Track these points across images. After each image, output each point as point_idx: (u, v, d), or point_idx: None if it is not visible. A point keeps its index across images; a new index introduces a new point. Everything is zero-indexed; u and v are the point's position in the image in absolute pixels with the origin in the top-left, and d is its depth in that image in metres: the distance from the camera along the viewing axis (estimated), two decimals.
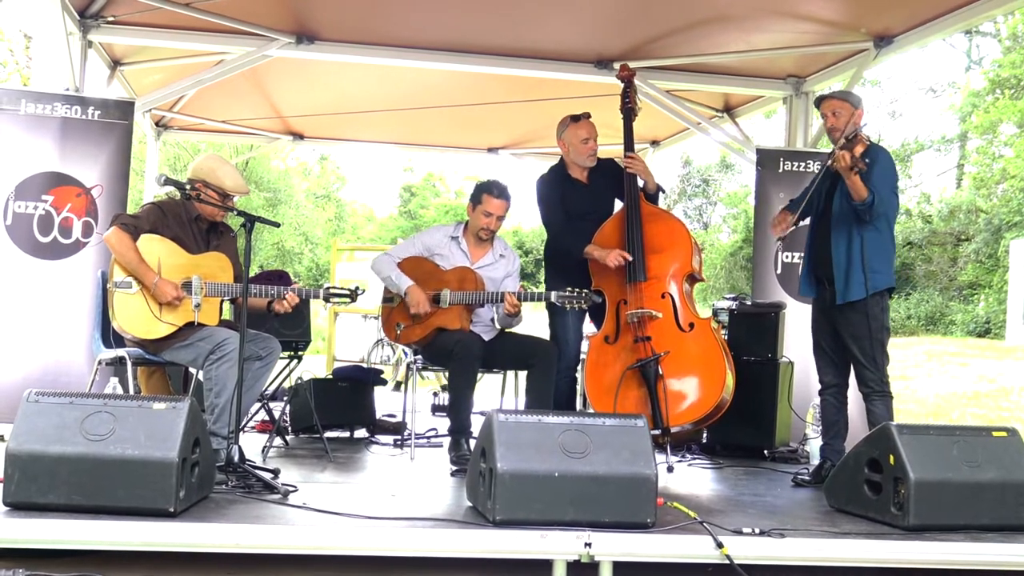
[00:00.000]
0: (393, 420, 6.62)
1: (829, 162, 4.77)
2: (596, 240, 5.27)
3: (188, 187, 4.57)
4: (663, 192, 5.53)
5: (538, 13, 6.28)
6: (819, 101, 5.01)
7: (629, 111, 5.48)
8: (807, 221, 5.14)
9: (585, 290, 5.02)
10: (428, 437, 6.24)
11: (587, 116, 5.48)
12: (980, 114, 24.72)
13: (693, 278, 5.22)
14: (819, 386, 5.10)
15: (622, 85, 5.55)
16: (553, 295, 5.05)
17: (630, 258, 5.08)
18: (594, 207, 5.45)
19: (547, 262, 5.68)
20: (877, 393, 4.76)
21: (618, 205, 5.54)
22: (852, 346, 4.82)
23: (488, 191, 5.37)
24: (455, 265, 5.36)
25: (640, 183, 5.30)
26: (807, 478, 4.94)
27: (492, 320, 5.41)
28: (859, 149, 4.59)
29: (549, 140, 5.62)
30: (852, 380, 4.99)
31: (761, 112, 9.75)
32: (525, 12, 6.28)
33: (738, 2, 6.04)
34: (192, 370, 5.07)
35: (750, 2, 6.05)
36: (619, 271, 5.13)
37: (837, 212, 4.84)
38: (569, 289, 5.00)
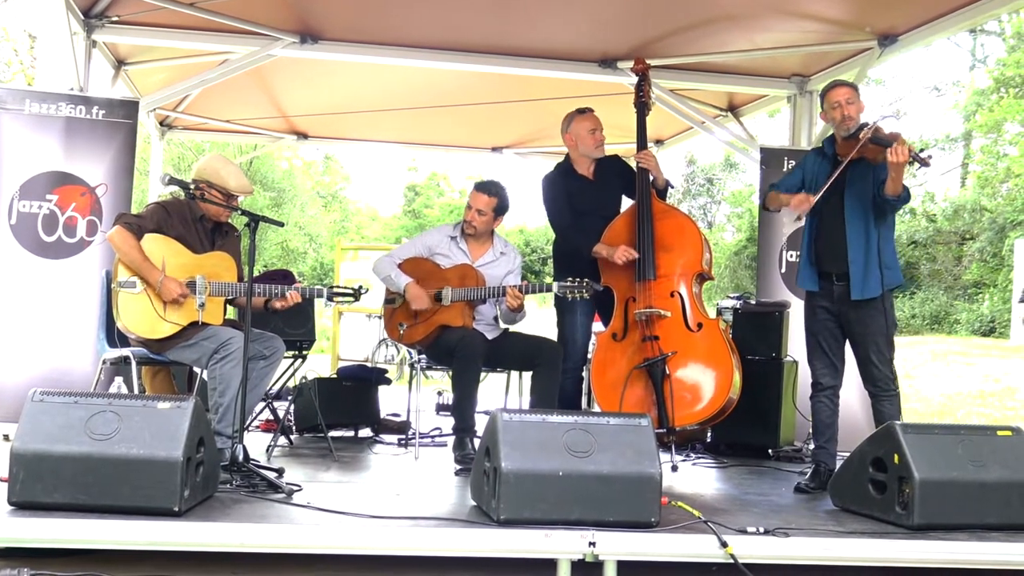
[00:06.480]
0: (397, 419, 6.61)
1: (852, 154, 4.54)
2: (606, 236, 5.26)
3: (192, 187, 4.59)
4: (672, 188, 5.52)
5: (542, 13, 6.28)
6: (832, 87, 4.76)
7: (643, 105, 5.47)
8: (800, 218, 5.01)
9: (587, 279, 4.98)
10: (432, 436, 6.24)
11: (591, 110, 5.51)
12: (984, 113, 24.67)
13: (702, 277, 5.20)
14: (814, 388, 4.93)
15: (636, 79, 5.55)
16: (556, 285, 5.04)
17: (636, 255, 5.07)
18: (600, 203, 5.43)
19: (555, 260, 5.67)
20: (885, 392, 4.68)
21: (625, 202, 5.54)
22: (864, 344, 4.70)
23: (475, 185, 5.46)
24: (455, 264, 5.37)
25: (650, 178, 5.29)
26: (811, 485, 4.72)
27: (495, 319, 5.40)
28: (903, 143, 4.35)
29: (553, 139, 5.62)
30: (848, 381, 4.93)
31: (765, 111, 9.73)
32: (529, 12, 6.28)
33: (742, 1, 6.03)
34: (196, 369, 5.08)
35: (754, 1, 6.04)
36: (628, 268, 5.12)
37: (852, 205, 4.68)
38: (571, 279, 4.99)
